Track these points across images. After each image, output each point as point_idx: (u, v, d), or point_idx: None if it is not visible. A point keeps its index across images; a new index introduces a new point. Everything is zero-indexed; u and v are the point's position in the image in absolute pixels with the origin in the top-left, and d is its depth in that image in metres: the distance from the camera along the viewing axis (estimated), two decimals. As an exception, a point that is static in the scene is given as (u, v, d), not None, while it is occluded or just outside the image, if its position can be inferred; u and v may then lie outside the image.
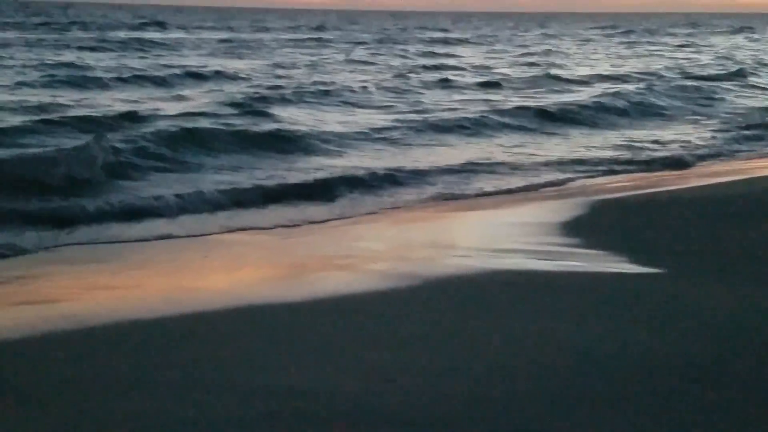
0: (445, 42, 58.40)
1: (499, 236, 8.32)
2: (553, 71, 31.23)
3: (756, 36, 72.97)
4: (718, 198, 10.18)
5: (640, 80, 27.69)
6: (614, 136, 16.84)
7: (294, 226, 9.02)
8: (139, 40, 44.95)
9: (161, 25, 67.46)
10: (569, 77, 29.03)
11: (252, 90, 22.37)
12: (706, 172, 13.02)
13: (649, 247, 7.59)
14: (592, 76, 29.88)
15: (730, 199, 9.94)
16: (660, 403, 4.15)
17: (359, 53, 41.79)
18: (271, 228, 8.89)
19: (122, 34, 50.43)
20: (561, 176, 12.40)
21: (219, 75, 26.57)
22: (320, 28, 78.51)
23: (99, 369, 4.66)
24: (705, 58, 41.54)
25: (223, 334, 5.30)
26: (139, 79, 24.44)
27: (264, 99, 20.26)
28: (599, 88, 25.53)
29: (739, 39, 69.60)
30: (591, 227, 8.41)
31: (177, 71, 27.00)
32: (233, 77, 26.28)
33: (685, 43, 60.74)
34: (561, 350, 4.85)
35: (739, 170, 12.98)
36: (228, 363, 4.74)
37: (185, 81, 24.90)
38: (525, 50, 48.41)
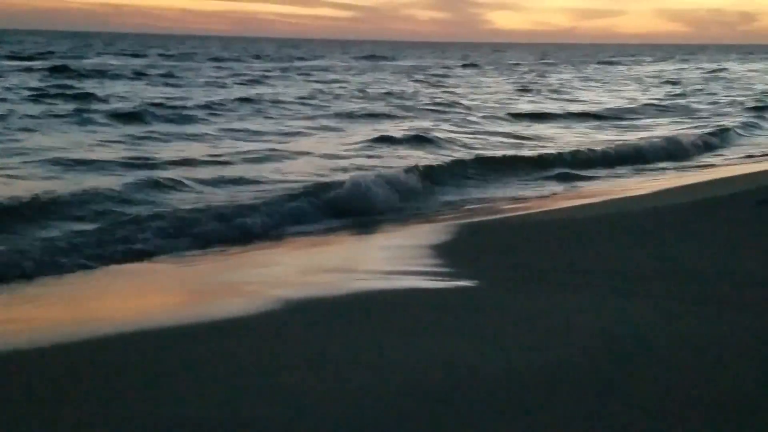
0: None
1: (391, 259, 8.25)
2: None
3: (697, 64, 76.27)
4: (576, 219, 10.30)
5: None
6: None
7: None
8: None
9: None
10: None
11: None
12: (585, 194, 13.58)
13: (516, 264, 7.59)
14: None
15: (588, 220, 10.09)
16: (546, 412, 3.92)
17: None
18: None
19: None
20: None
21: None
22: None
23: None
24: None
25: (119, 363, 4.78)
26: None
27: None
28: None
29: (683, 66, 73.52)
30: (466, 249, 8.45)
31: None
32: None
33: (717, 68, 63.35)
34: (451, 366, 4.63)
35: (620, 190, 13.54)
36: (124, 395, 4.23)
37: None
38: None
